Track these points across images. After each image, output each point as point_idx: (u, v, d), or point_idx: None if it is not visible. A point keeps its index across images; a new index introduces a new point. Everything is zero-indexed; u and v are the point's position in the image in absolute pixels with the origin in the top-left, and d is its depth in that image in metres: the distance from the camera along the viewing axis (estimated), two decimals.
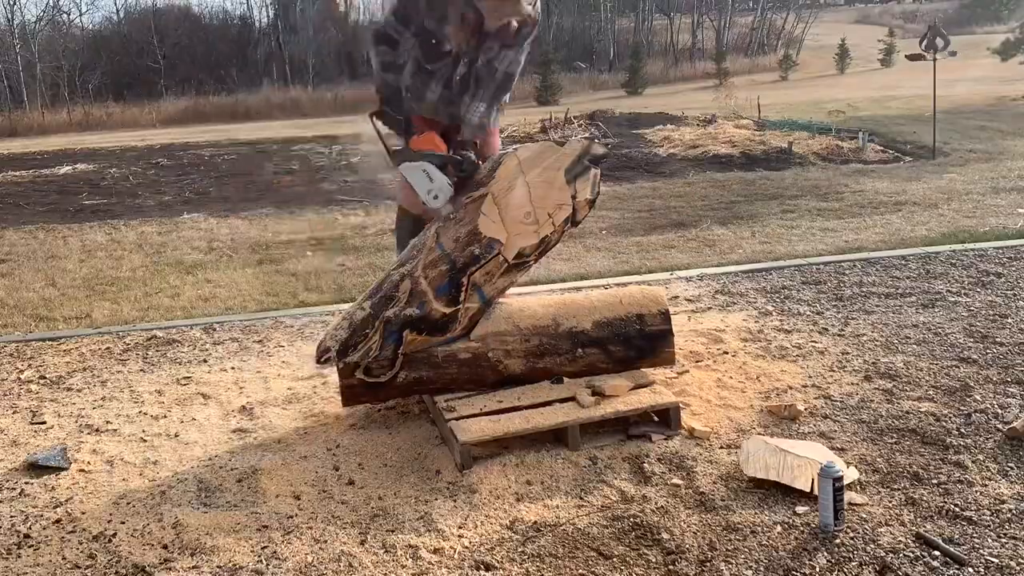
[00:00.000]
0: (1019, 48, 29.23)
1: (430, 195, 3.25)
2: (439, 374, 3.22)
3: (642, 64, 31.59)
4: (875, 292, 4.75)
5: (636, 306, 3.38)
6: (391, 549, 2.49)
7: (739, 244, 6.26)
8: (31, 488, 3.01)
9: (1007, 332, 3.97)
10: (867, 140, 10.88)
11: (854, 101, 15.26)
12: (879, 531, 2.44)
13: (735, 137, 12.06)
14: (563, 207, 3.22)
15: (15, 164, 14.58)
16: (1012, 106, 15.01)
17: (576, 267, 5.89)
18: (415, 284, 3.17)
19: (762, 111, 14.80)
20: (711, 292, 4.99)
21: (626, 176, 9.91)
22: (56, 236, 8.10)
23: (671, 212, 7.66)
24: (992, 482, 2.67)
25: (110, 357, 4.43)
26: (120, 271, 6.55)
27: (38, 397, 3.91)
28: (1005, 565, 2.26)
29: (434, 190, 3.24)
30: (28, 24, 34.74)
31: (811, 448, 2.81)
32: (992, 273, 4.97)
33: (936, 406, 3.23)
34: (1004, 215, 6.69)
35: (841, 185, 8.45)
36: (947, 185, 8.16)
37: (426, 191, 3.25)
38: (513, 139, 13.09)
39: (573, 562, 2.39)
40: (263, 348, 4.40)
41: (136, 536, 2.63)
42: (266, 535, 2.60)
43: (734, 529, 2.49)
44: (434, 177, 3.24)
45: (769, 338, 4.09)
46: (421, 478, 2.92)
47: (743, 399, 3.39)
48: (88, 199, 10.53)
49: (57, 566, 2.51)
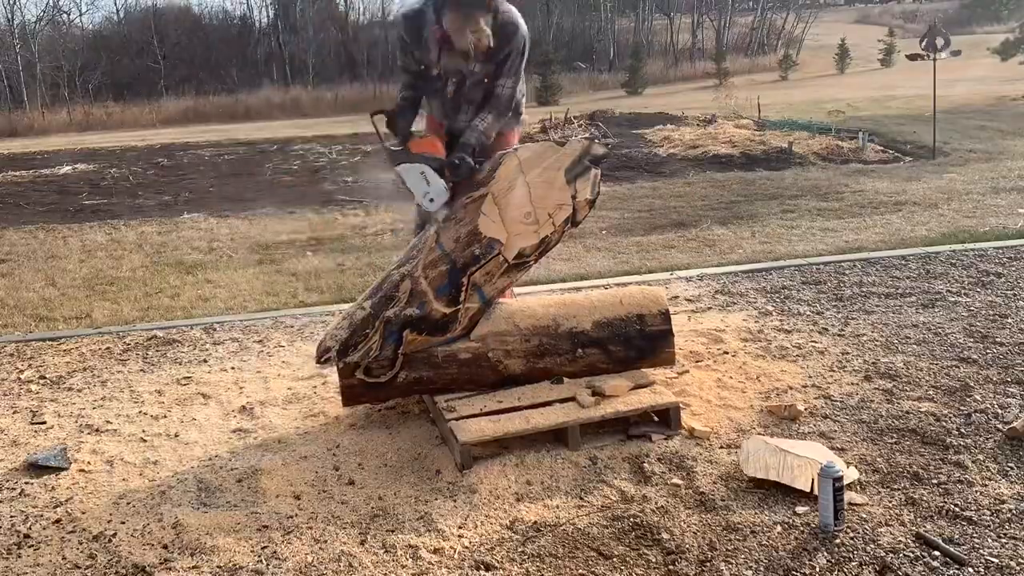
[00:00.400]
0: (1019, 48, 29.22)
1: (426, 198, 3.27)
2: (439, 374, 3.22)
3: (642, 64, 31.56)
4: (875, 292, 4.75)
5: (636, 306, 3.38)
6: (391, 549, 2.49)
7: (739, 244, 6.26)
8: (31, 488, 3.01)
9: (1007, 332, 3.97)
10: (867, 140, 10.88)
11: (854, 101, 15.26)
12: (879, 531, 2.44)
13: (735, 137, 12.06)
14: (563, 207, 3.23)
15: (15, 164, 14.58)
16: (1012, 106, 15.01)
17: (576, 267, 5.89)
18: (415, 284, 3.17)
19: (762, 111, 14.81)
20: (711, 292, 4.99)
21: (626, 176, 9.92)
22: (56, 236, 8.10)
23: (671, 212, 7.66)
24: (992, 482, 2.67)
25: (110, 357, 4.43)
26: (120, 271, 6.55)
27: (38, 397, 3.91)
28: (1005, 565, 2.26)
29: (430, 193, 3.26)
30: (28, 24, 34.76)
31: (811, 448, 2.81)
32: (992, 273, 4.97)
33: (936, 406, 3.23)
34: (1004, 215, 6.69)
35: (841, 185, 8.45)
36: (947, 185, 8.16)
37: (422, 193, 3.27)
38: None
39: (573, 562, 2.39)
40: (263, 348, 4.40)
41: (136, 536, 2.63)
42: (266, 535, 2.60)
43: (734, 529, 2.49)
44: (431, 180, 3.26)
45: (769, 338, 4.09)
46: (421, 478, 2.92)
47: (743, 399, 3.39)
48: (88, 199, 10.53)
49: (57, 566, 2.51)
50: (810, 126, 12.86)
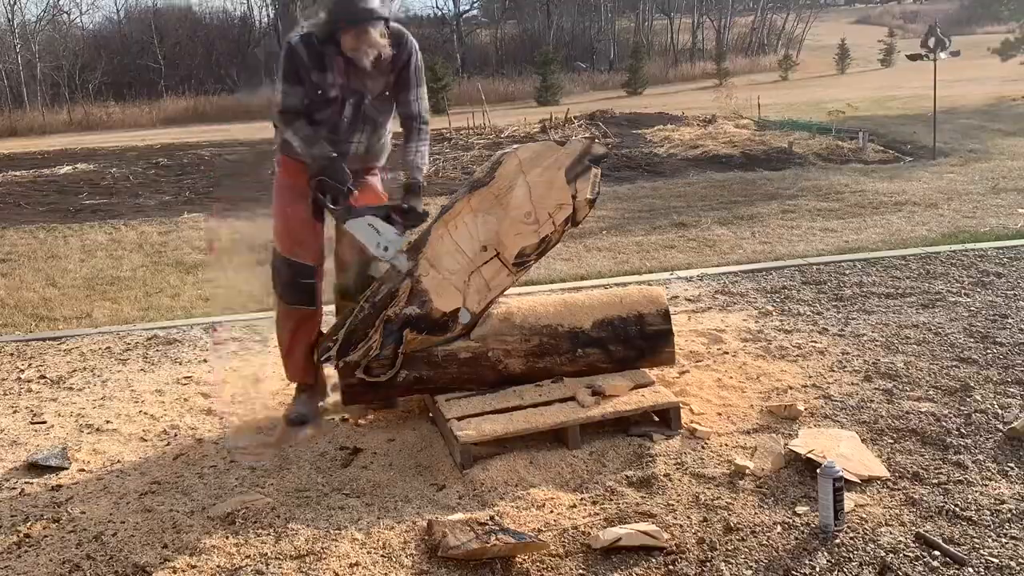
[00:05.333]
0: (1019, 48, 29.20)
1: (380, 248, 3.18)
2: (439, 374, 3.23)
3: (642, 64, 31.57)
4: (875, 292, 4.75)
5: (636, 306, 3.38)
6: (391, 548, 2.49)
7: (739, 244, 6.26)
8: (31, 488, 3.01)
9: (1007, 332, 3.97)
10: (867, 140, 10.87)
11: (854, 101, 15.24)
12: (879, 531, 2.44)
13: (735, 137, 12.06)
14: (563, 207, 3.23)
15: (15, 164, 14.57)
16: (1012, 106, 15.00)
17: (576, 267, 5.89)
18: (415, 283, 3.17)
19: (762, 111, 14.80)
20: (711, 292, 4.99)
21: (626, 176, 9.91)
22: (56, 236, 8.11)
23: (671, 212, 7.66)
24: (992, 482, 2.67)
25: (110, 357, 4.43)
26: (120, 271, 6.55)
27: (39, 396, 3.91)
28: (1005, 565, 2.26)
29: (383, 242, 3.17)
30: (28, 24, 34.77)
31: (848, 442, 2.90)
32: (992, 273, 4.97)
33: (936, 406, 3.23)
34: (1004, 215, 6.69)
35: (841, 185, 8.45)
36: (947, 185, 8.16)
37: (375, 244, 3.18)
38: (513, 139, 13.10)
39: (573, 562, 2.39)
40: (263, 348, 4.40)
41: (136, 536, 2.63)
42: (266, 535, 2.60)
43: (734, 529, 2.49)
44: (381, 229, 3.17)
45: (769, 338, 4.09)
46: (421, 478, 2.92)
47: (743, 399, 3.39)
48: (88, 199, 10.53)
49: (57, 566, 2.51)
50: (810, 126, 12.85)
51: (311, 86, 3.18)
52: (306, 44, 3.14)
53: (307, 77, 3.16)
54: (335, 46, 3.13)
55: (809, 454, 2.77)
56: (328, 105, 3.22)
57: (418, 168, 3.33)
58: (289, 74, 3.16)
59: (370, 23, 3.08)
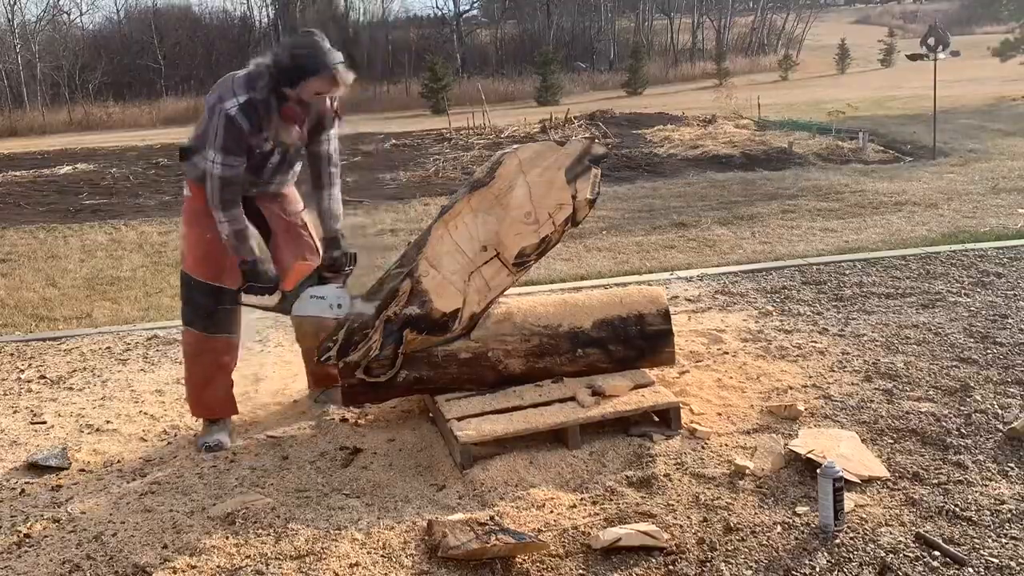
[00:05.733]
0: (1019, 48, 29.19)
1: (333, 310, 3.17)
2: (439, 374, 3.23)
3: (642, 64, 31.56)
4: (875, 292, 4.75)
5: (636, 306, 3.39)
6: (392, 548, 2.49)
7: (739, 244, 6.26)
8: (31, 488, 3.01)
9: (1007, 332, 3.97)
10: (867, 140, 10.87)
11: (854, 101, 15.23)
12: (879, 531, 2.44)
13: (735, 137, 12.06)
14: (563, 207, 3.23)
15: (15, 164, 14.57)
16: (1011, 106, 15.00)
17: (576, 267, 5.89)
18: (416, 283, 3.17)
19: (762, 111, 14.80)
20: (711, 292, 4.99)
21: (626, 176, 9.91)
22: (56, 236, 8.11)
23: (671, 212, 7.66)
24: (992, 482, 2.67)
25: (111, 357, 4.43)
26: (120, 271, 6.55)
27: (38, 397, 3.91)
28: (1005, 565, 2.26)
29: (333, 304, 3.17)
30: (28, 24, 34.75)
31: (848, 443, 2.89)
32: (992, 273, 4.97)
33: (936, 406, 3.23)
34: (1004, 215, 6.69)
35: (841, 185, 8.45)
36: (947, 185, 8.16)
37: (327, 309, 3.17)
38: (513, 139, 13.10)
39: (573, 561, 2.39)
40: (263, 348, 4.40)
41: (136, 536, 2.63)
42: (266, 535, 2.60)
43: (734, 529, 2.49)
44: (325, 294, 3.17)
45: (769, 338, 4.09)
46: (421, 478, 2.92)
47: (743, 399, 3.39)
48: (88, 199, 10.53)
49: (57, 566, 2.51)
50: (810, 126, 12.85)
51: (249, 149, 3.10)
52: (246, 114, 3.01)
53: (247, 143, 3.08)
54: (283, 99, 3.03)
55: (809, 454, 2.77)
56: (264, 159, 3.19)
57: (335, 217, 3.33)
58: (230, 145, 3.04)
59: (337, 63, 3.00)
